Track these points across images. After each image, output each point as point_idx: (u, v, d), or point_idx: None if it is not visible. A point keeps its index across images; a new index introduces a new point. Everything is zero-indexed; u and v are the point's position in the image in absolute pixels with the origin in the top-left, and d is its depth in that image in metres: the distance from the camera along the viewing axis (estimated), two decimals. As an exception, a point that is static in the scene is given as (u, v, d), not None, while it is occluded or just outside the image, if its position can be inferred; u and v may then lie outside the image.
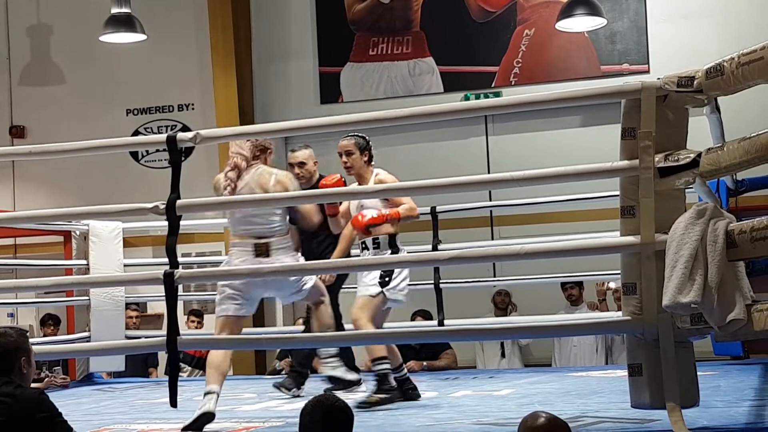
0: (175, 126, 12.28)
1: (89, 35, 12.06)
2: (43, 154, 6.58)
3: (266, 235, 6.02)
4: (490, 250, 6.74)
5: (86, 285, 8.54)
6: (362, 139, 6.62)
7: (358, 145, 6.58)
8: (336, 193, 6.19)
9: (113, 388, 8.59)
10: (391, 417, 5.73)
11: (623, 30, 11.33)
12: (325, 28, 12.22)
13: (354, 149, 6.57)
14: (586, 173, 5.38)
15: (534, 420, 3.15)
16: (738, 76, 4.44)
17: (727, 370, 7.45)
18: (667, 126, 4.72)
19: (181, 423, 5.77)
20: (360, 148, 6.57)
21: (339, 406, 3.33)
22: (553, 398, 6.34)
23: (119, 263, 8.98)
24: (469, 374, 8.43)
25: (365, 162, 6.59)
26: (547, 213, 10.33)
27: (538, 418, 3.16)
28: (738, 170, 4.83)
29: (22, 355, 4.27)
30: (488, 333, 7.37)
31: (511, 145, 11.43)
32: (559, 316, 9.34)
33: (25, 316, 12.40)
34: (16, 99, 13.02)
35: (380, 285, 6.39)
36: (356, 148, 6.57)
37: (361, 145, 6.59)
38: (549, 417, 3.15)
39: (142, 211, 5.94)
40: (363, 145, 6.60)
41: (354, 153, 6.57)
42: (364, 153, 6.59)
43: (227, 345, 7.19)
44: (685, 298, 4.39)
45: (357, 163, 6.57)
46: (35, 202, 12.30)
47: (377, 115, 5.86)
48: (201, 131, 5.75)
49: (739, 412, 5.19)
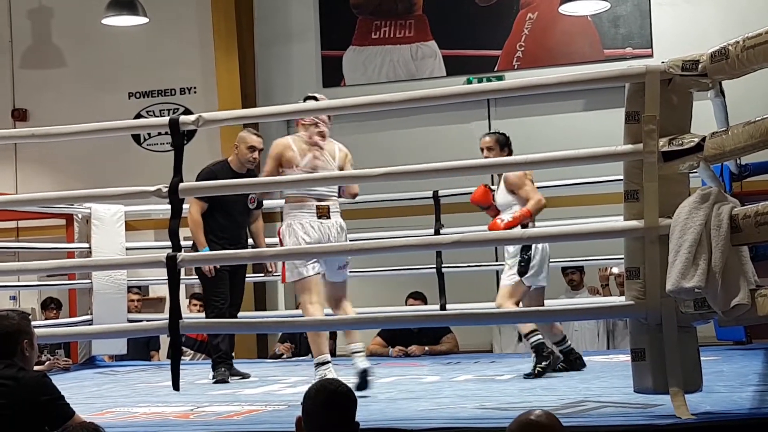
0: (177, 109, 12.26)
1: (91, 18, 12.03)
2: (45, 137, 6.59)
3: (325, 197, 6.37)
4: (493, 234, 6.72)
5: (88, 268, 8.54)
6: (502, 136, 6.90)
7: (499, 141, 6.87)
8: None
9: (115, 371, 8.60)
10: (394, 401, 5.73)
11: (626, 14, 11.29)
12: (327, 11, 12.19)
13: (494, 145, 6.86)
14: (589, 157, 5.37)
15: (525, 417, 3.19)
16: (743, 60, 4.42)
17: (730, 355, 7.45)
18: (671, 110, 4.71)
19: (183, 406, 5.78)
20: (500, 145, 6.86)
21: (342, 391, 3.33)
22: (555, 383, 6.34)
23: (121, 246, 8.98)
24: (471, 359, 8.42)
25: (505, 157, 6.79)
26: (549, 197, 10.27)
27: (530, 414, 3.19)
28: (742, 154, 4.81)
29: (24, 338, 4.27)
30: (490, 318, 7.36)
31: (513, 130, 11.24)
32: (563, 301, 9.33)
33: (27, 299, 12.40)
34: (18, 82, 13.00)
35: (519, 274, 6.75)
36: (496, 144, 6.86)
37: (502, 142, 6.88)
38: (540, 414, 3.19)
39: (145, 195, 5.93)
40: (503, 141, 6.88)
41: (494, 149, 6.85)
42: (504, 150, 6.87)
43: (230, 328, 7.22)
44: (689, 283, 4.38)
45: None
46: (37, 185, 12.29)
47: (379, 99, 5.84)
48: (203, 114, 5.74)
49: (742, 397, 5.19)
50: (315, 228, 6.31)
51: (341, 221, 6.41)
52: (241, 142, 7.54)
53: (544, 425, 3.15)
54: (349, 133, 11.49)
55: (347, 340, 6.33)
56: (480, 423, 4.85)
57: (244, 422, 5.21)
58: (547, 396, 5.67)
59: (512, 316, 7.02)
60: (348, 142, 6.87)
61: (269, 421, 5.18)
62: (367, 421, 3.93)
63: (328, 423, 3.28)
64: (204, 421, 5.30)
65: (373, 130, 11.49)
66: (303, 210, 6.35)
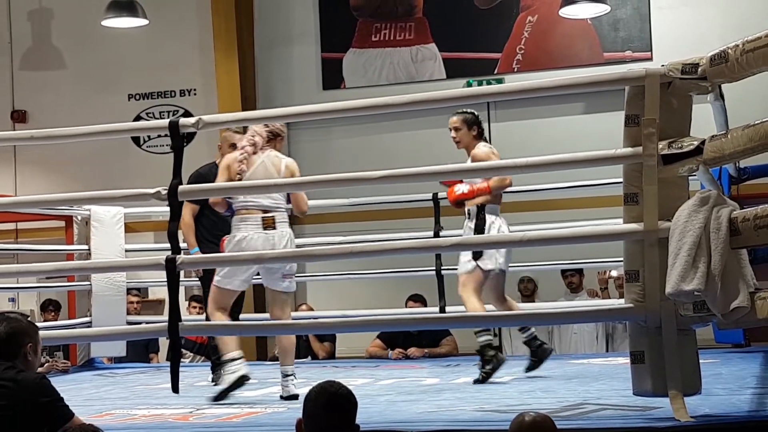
0: (177, 111, 12.27)
1: (91, 20, 12.03)
2: (45, 139, 6.59)
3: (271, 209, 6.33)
4: (492, 236, 6.72)
5: (87, 270, 8.54)
6: (471, 115, 6.89)
7: (466, 120, 6.86)
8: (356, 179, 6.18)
9: (114, 373, 8.60)
10: (393, 404, 5.73)
11: (626, 17, 11.29)
12: (327, 13, 12.20)
13: (461, 125, 6.86)
14: (589, 160, 5.38)
15: (520, 419, 3.26)
16: (742, 63, 4.43)
17: (729, 357, 7.45)
18: (670, 113, 4.71)
19: (182, 408, 5.79)
20: (468, 124, 6.85)
21: (343, 393, 3.33)
22: (554, 385, 6.34)
23: (121, 248, 8.98)
24: (471, 361, 8.40)
25: (474, 137, 6.84)
26: (549, 200, 10.31)
27: (525, 416, 3.27)
28: (741, 158, 4.82)
29: (29, 342, 4.27)
30: (489, 320, 7.36)
31: (513, 132, 11.40)
32: (562, 303, 9.33)
33: (26, 301, 12.40)
34: (17, 83, 13.00)
35: (474, 258, 6.67)
36: (463, 123, 6.85)
37: (469, 121, 6.86)
38: (535, 416, 3.26)
39: (144, 197, 5.94)
40: (471, 120, 6.87)
41: (461, 129, 6.86)
42: (473, 128, 6.86)
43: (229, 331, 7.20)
44: (688, 286, 4.38)
45: (465, 138, 6.86)
46: (37, 187, 12.29)
47: (379, 102, 5.85)
48: (203, 116, 5.74)
49: (741, 399, 5.19)
50: (258, 240, 6.30)
51: (289, 231, 6.37)
52: (224, 142, 7.55)
53: (540, 425, 3.20)
54: (348, 135, 11.55)
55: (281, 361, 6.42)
56: (479, 425, 4.86)
57: (244, 424, 5.22)
58: (546, 398, 5.68)
59: (511, 318, 7.03)
60: (348, 145, 6.91)
61: (269, 424, 5.19)
62: (367, 423, 3.93)
63: (328, 425, 3.28)
64: (203, 423, 5.30)
65: (372, 132, 11.49)
66: (248, 222, 6.36)
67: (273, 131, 6.44)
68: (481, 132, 6.89)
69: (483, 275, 6.72)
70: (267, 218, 6.31)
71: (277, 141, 6.49)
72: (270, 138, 6.42)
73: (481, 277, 6.72)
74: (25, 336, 4.27)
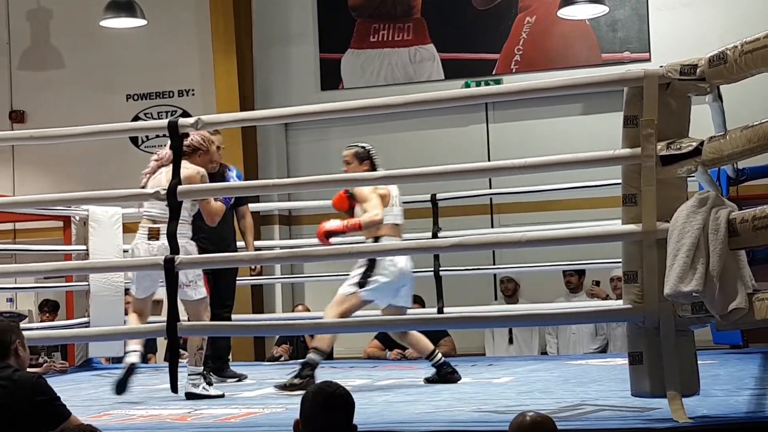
0: (175, 111, 12.26)
1: (89, 20, 12.03)
2: (43, 139, 6.59)
3: (159, 220, 6.37)
4: (491, 237, 6.74)
5: (85, 270, 8.53)
6: (362, 149, 6.80)
7: (357, 155, 6.77)
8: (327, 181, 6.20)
9: (112, 373, 8.54)
10: (391, 404, 5.73)
11: (624, 18, 11.30)
12: (325, 14, 12.20)
13: (352, 159, 6.77)
14: (587, 161, 5.39)
15: (521, 419, 3.24)
16: (741, 65, 4.43)
17: (727, 358, 7.45)
18: (669, 114, 4.71)
19: (180, 409, 5.78)
20: (359, 159, 6.75)
21: (340, 393, 3.33)
22: (552, 386, 6.34)
23: (119, 249, 8.96)
24: (468, 362, 8.42)
25: (365, 171, 6.70)
26: (547, 201, 10.32)
27: (525, 416, 3.25)
28: (740, 159, 4.82)
29: (16, 338, 4.29)
30: (488, 321, 7.39)
31: (511, 133, 11.41)
32: (561, 304, 9.33)
33: (24, 301, 12.39)
34: (15, 83, 12.99)
35: (358, 285, 6.55)
36: (354, 158, 6.76)
37: (361, 155, 6.77)
38: (535, 415, 3.25)
39: (143, 197, 5.94)
40: (363, 155, 6.77)
41: (352, 163, 6.76)
42: (364, 163, 6.75)
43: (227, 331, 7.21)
44: (687, 287, 4.38)
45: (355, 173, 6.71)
46: (35, 187, 12.28)
47: (377, 102, 5.85)
48: (202, 117, 5.75)
49: (739, 401, 5.19)
50: (140, 250, 6.45)
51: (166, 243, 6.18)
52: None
53: (541, 425, 3.19)
54: (346, 136, 11.51)
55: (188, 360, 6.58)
56: (477, 426, 4.85)
57: (242, 425, 5.21)
58: (544, 399, 5.67)
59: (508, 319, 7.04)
60: (345, 145, 6.89)
61: (267, 424, 5.18)
62: (365, 423, 3.93)
63: (326, 426, 3.28)
64: (201, 423, 5.30)
65: (370, 133, 11.45)
66: (141, 231, 6.51)
67: (190, 145, 6.45)
68: (373, 166, 6.75)
69: (359, 303, 6.59)
70: (153, 229, 6.40)
71: (195, 156, 6.50)
72: (186, 153, 6.34)
73: (357, 303, 6.58)
74: (11, 333, 4.29)
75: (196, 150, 6.53)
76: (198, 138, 6.54)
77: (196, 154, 6.52)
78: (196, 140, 6.52)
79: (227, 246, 7.47)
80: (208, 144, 6.65)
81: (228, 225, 7.63)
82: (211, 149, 6.69)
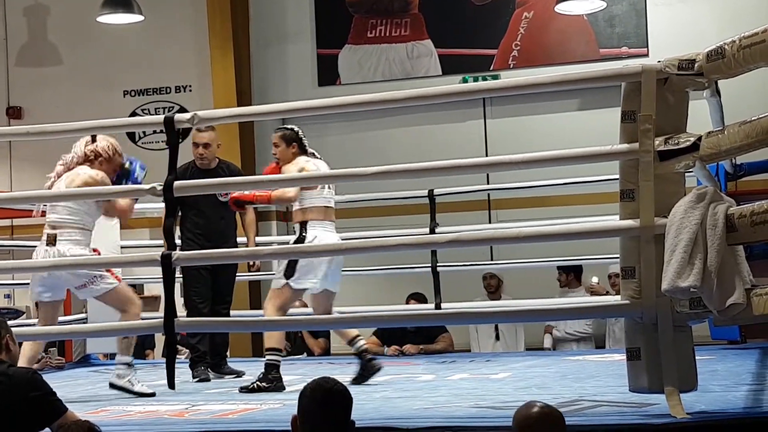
0: (172, 107, 12.25)
1: (86, 16, 12.02)
2: (40, 135, 6.58)
3: (57, 226, 6.49)
4: (489, 233, 6.74)
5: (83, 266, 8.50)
6: (290, 131, 6.82)
7: (285, 137, 6.79)
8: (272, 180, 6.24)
9: (110, 369, 8.53)
10: (389, 400, 5.73)
11: (622, 13, 11.30)
12: (323, 9, 12.19)
13: (280, 142, 6.80)
14: (585, 156, 5.38)
15: (528, 410, 3.17)
16: (739, 59, 4.42)
17: (725, 354, 7.45)
18: (667, 109, 4.70)
19: (178, 405, 5.78)
20: (287, 140, 6.78)
21: (338, 389, 3.33)
22: (550, 382, 6.34)
23: (116, 245, 8.95)
24: (466, 357, 8.42)
25: (293, 153, 6.75)
26: (545, 196, 10.32)
27: (532, 407, 3.18)
28: (738, 154, 4.81)
29: (6, 332, 4.29)
30: (485, 316, 7.36)
31: (509, 128, 11.41)
32: (559, 300, 9.33)
33: (22, 297, 12.38)
34: (13, 79, 12.98)
35: (285, 276, 6.52)
36: (282, 140, 6.79)
37: (288, 137, 6.79)
38: (543, 407, 3.18)
39: (140, 193, 5.93)
40: (291, 136, 6.80)
41: (280, 145, 6.80)
42: (292, 144, 6.78)
43: (224, 327, 7.21)
44: (685, 283, 4.37)
45: (283, 155, 6.77)
46: (32, 183, 12.24)
47: (375, 98, 5.83)
48: (199, 112, 5.74)
49: (737, 396, 5.19)
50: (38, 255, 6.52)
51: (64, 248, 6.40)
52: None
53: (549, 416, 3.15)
54: (344, 131, 11.54)
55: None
56: (475, 422, 4.84)
57: (239, 421, 5.20)
58: (542, 395, 5.66)
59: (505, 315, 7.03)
60: (343, 141, 6.92)
61: (264, 420, 5.17)
62: (363, 419, 3.92)
63: (323, 421, 3.28)
64: (199, 419, 5.29)
65: (368, 128, 11.49)
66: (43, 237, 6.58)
67: (94, 151, 6.59)
68: (302, 148, 6.79)
69: (292, 293, 6.60)
70: (50, 235, 6.48)
71: (95, 162, 6.59)
72: (89, 158, 6.58)
73: (290, 295, 6.59)
74: (1, 328, 4.28)
75: (98, 156, 6.60)
76: (103, 144, 6.60)
77: (97, 161, 6.60)
78: (100, 146, 6.59)
79: (225, 242, 7.45)
80: (112, 152, 6.66)
81: (226, 221, 7.61)
82: (114, 158, 6.67)
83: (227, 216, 7.59)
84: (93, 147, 6.58)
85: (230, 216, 7.64)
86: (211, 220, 7.55)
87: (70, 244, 6.43)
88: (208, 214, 7.54)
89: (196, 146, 7.56)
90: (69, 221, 6.49)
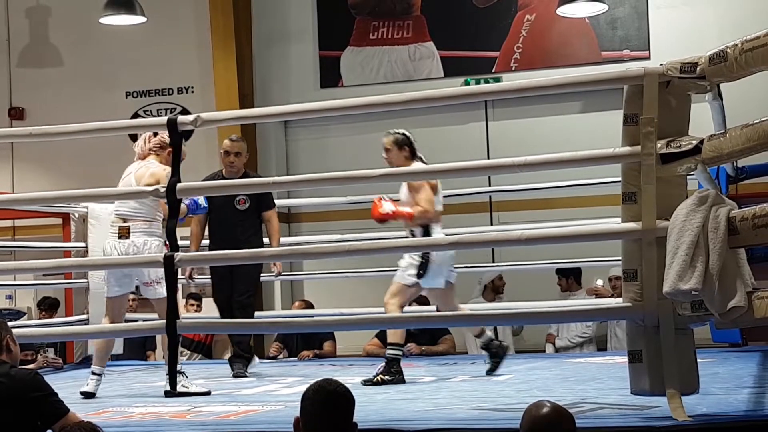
0: (174, 109, 12.26)
1: (88, 17, 12.03)
2: (42, 136, 6.61)
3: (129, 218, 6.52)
4: (491, 235, 6.74)
5: (85, 267, 8.53)
6: (402, 136, 6.85)
7: (396, 141, 6.83)
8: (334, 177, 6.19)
9: (111, 371, 8.55)
10: (391, 402, 5.73)
11: (624, 16, 11.30)
12: (325, 11, 12.20)
13: (392, 146, 6.84)
14: (587, 159, 5.38)
15: (538, 409, 3.13)
16: (741, 63, 4.43)
17: (726, 357, 7.45)
18: (669, 112, 4.71)
19: (179, 406, 5.78)
20: (399, 145, 6.81)
21: (341, 391, 3.33)
22: (551, 384, 6.34)
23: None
24: (468, 359, 8.42)
25: (405, 158, 6.78)
26: (547, 199, 10.32)
27: (543, 407, 3.13)
28: (740, 157, 4.81)
29: (6, 333, 4.30)
30: (487, 318, 7.38)
31: (511, 131, 11.41)
32: (560, 302, 9.32)
33: (24, 298, 12.39)
34: (15, 81, 12.99)
35: (417, 276, 6.64)
36: (394, 145, 6.83)
37: (401, 142, 6.82)
38: (554, 406, 3.13)
39: (143, 194, 5.94)
40: (403, 141, 6.83)
41: (392, 150, 6.83)
42: (403, 149, 6.81)
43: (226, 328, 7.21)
44: (686, 285, 4.38)
45: (396, 160, 6.78)
46: (34, 184, 12.28)
47: (377, 100, 5.84)
48: (202, 114, 5.75)
49: (738, 399, 5.19)
50: (109, 249, 6.55)
51: (148, 240, 6.46)
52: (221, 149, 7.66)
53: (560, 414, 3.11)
54: (346, 133, 11.55)
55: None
56: (477, 424, 4.85)
57: (241, 422, 5.21)
58: (543, 397, 5.65)
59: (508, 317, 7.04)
60: (345, 143, 6.92)
61: (266, 422, 5.18)
62: (365, 421, 3.92)
63: (326, 423, 3.27)
64: (201, 421, 5.29)
65: (370, 130, 11.46)
66: (111, 230, 6.61)
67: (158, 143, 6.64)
68: (413, 152, 6.83)
69: (415, 291, 6.81)
70: (123, 228, 6.49)
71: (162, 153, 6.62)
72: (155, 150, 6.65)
73: (413, 293, 6.82)
74: (1, 329, 4.29)
75: (164, 147, 6.56)
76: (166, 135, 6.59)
77: (165, 151, 6.55)
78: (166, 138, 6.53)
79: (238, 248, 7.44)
80: None
81: (242, 228, 7.62)
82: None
83: (245, 224, 7.63)
84: (158, 139, 6.61)
85: (248, 224, 7.67)
86: (229, 225, 7.57)
87: (145, 235, 6.47)
88: (225, 221, 7.62)
89: (227, 154, 7.61)
90: (140, 213, 6.52)
